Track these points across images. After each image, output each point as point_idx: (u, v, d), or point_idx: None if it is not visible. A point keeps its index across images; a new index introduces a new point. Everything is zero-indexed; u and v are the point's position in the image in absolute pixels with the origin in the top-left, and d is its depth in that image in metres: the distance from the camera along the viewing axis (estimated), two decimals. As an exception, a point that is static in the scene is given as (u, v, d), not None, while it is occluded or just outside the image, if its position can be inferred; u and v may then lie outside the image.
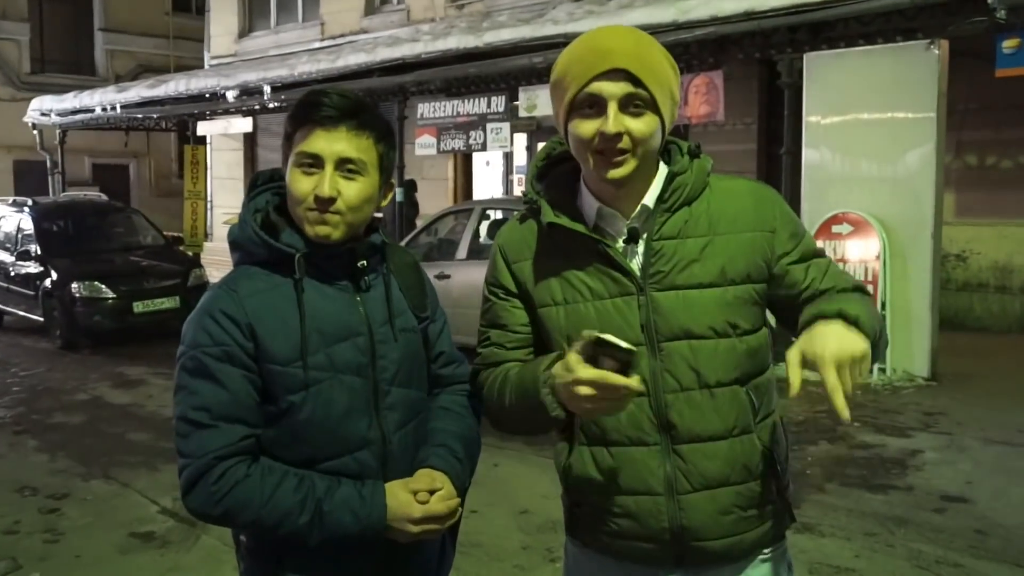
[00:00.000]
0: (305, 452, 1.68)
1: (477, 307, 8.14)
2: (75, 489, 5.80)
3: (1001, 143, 9.97)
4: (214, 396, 1.63)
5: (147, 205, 19.27)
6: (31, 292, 11.61)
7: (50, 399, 8.49)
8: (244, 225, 1.73)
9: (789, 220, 1.73)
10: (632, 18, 8.90)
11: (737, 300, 1.67)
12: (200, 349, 1.65)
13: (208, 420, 1.63)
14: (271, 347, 1.65)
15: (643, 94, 1.60)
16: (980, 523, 4.79)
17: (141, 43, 23.47)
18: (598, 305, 1.68)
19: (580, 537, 1.83)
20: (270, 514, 1.63)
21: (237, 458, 1.64)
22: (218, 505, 1.63)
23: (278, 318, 1.66)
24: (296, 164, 1.69)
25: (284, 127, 1.74)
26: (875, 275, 7.86)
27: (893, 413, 6.90)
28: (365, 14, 15.71)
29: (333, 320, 1.70)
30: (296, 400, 1.66)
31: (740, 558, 1.73)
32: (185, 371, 1.67)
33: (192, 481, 1.64)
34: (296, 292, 1.68)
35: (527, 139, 14.51)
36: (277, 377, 1.66)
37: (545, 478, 5.68)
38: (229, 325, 1.64)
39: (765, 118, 11.39)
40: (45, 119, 18.56)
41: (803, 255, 1.71)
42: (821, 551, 4.44)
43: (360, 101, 1.71)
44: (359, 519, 1.65)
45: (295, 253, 1.68)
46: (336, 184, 1.67)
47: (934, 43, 7.61)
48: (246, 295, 1.67)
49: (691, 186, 1.69)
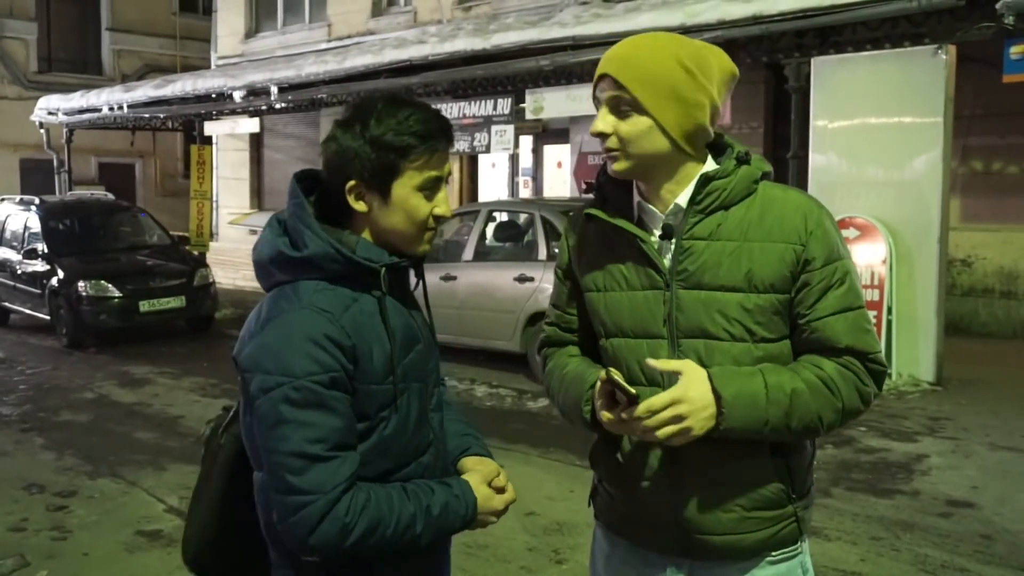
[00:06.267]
0: (385, 465, 1.68)
1: (483, 308, 8.23)
2: (82, 487, 5.81)
3: (1008, 149, 9.97)
4: (329, 425, 1.57)
5: (153, 204, 19.32)
6: (37, 291, 11.65)
7: (56, 397, 8.52)
8: (315, 239, 1.63)
9: (827, 239, 1.70)
10: (639, 22, 8.91)
11: (758, 308, 1.69)
12: (309, 378, 1.56)
13: (326, 452, 1.56)
14: (369, 367, 1.63)
15: (625, 96, 1.67)
16: (986, 528, 4.79)
17: (148, 43, 23.51)
18: (631, 295, 1.77)
19: (601, 517, 1.95)
20: (395, 530, 1.61)
21: (356, 485, 1.60)
22: (351, 535, 1.57)
23: (371, 336, 1.64)
24: (421, 187, 1.67)
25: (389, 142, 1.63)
26: (881, 280, 7.86)
27: (899, 418, 6.90)
28: (372, 15, 15.73)
29: (403, 331, 1.71)
30: (385, 415, 1.67)
31: (743, 558, 1.75)
32: (290, 403, 1.56)
33: (318, 518, 1.55)
34: (380, 306, 1.67)
35: (533, 141, 14.52)
36: (374, 396, 1.64)
37: (551, 480, 5.69)
38: (334, 350, 1.58)
39: (772, 122, 11.40)
40: (52, 118, 18.60)
41: (826, 279, 1.69)
42: (827, 555, 4.44)
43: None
44: (462, 517, 1.72)
45: (379, 267, 1.66)
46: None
47: (941, 48, 7.61)
48: (339, 315, 1.61)
49: (730, 191, 1.71)
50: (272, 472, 1.58)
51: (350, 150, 1.64)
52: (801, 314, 1.70)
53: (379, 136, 1.63)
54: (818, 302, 1.69)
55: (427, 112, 1.68)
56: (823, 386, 1.66)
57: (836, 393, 1.66)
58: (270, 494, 1.59)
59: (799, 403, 1.64)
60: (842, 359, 1.68)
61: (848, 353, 1.68)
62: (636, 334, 1.77)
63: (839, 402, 1.67)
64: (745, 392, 1.62)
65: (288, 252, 1.65)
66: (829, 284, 1.69)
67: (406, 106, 1.67)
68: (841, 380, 1.67)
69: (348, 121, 1.68)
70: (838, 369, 1.67)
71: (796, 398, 1.64)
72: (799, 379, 1.66)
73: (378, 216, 1.68)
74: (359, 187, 1.66)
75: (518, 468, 5.96)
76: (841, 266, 1.70)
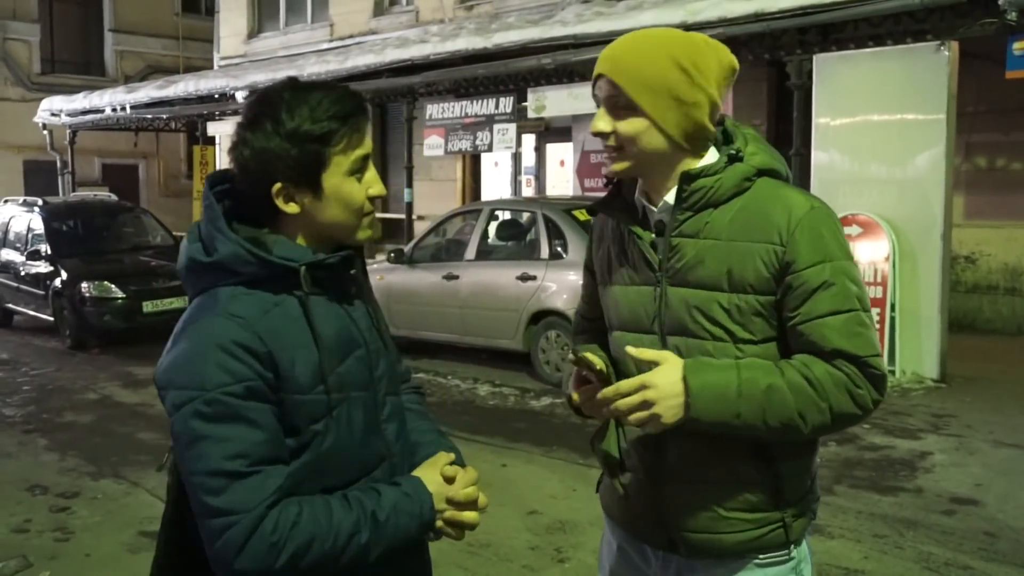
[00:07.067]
0: (327, 483, 1.53)
1: (486, 307, 8.24)
2: (85, 488, 5.82)
3: (1011, 145, 9.94)
4: (248, 439, 1.43)
5: (156, 205, 19.36)
6: (41, 292, 11.66)
7: (60, 398, 8.53)
8: (225, 242, 1.50)
9: (813, 243, 1.64)
10: (641, 20, 8.90)
11: (737, 309, 1.67)
12: (220, 390, 1.42)
13: (247, 467, 1.42)
14: (292, 375, 1.48)
15: (622, 98, 1.68)
16: (990, 525, 4.78)
17: (150, 44, 23.55)
18: (628, 290, 1.80)
19: (605, 509, 1.97)
20: (335, 544, 1.47)
21: (284, 500, 1.46)
22: (281, 555, 1.43)
23: (292, 341, 1.49)
24: (351, 171, 1.55)
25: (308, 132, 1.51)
26: (884, 277, 7.85)
27: (902, 415, 6.89)
28: (374, 15, 15.74)
29: (336, 335, 1.56)
30: (320, 429, 1.52)
31: (727, 557, 1.74)
32: (201, 418, 1.42)
33: (243, 539, 1.41)
34: (304, 309, 1.52)
35: (535, 140, 14.52)
36: (301, 407, 1.49)
37: (554, 479, 5.68)
38: (247, 357, 1.44)
39: (774, 120, 11.38)
40: (55, 119, 18.65)
41: (811, 281, 1.63)
42: (830, 553, 4.43)
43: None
44: (417, 518, 1.56)
45: (297, 266, 1.51)
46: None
47: (944, 45, 7.59)
48: (254, 321, 1.47)
49: (718, 189, 1.69)
50: (194, 495, 1.44)
51: (267, 151, 1.50)
52: (788, 317, 1.66)
53: (296, 128, 1.50)
54: (804, 304, 1.64)
55: (337, 90, 1.56)
56: (807, 385, 1.60)
57: (821, 393, 1.60)
58: (198, 519, 1.45)
59: (776, 400, 1.60)
60: (834, 362, 1.62)
61: (839, 356, 1.62)
62: (631, 328, 1.79)
63: (824, 403, 1.60)
64: (713, 383, 1.60)
65: (200, 258, 1.53)
66: (815, 286, 1.63)
67: (314, 89, 1.55)
68: (830, 381, 1.61)
69: (255, 120, 1.52)
70: (828, 371, 1.61)
71: (772, 394, 1.60)
72: (779, 376, 1.61)
73: (313, 213, 1.55)
74: (286, 189, 1.52)
75: (521, 467, 5.96)
76: (832, 267, 1.64)
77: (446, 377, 8.73)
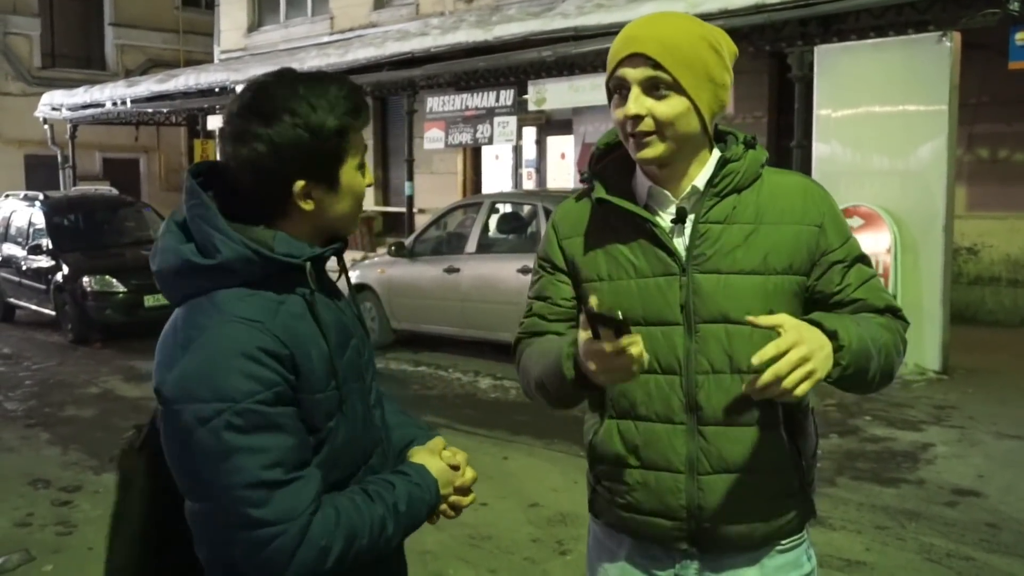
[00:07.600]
0: (336, 476, 1.51)
1: (486, 301, 8.22)
2: (87, 482, 5.82)
3: (1014, 136, 9.92)
4: (283, 446, 1.40)
5: (157, 199, 19.36)
6: (43, 286, 11.68)
7: (62, 392, 8.54)
8: (228, 243, 1.42)
9: (837, 219, 1.75)
10: (642, 11, 8.83)
11: (777, 290, 1.68)
12: (251, 400, 1.37)
13: (286, 476, 1.39)
14: (311, 375, 1.45)
15: (665, 77, 1.62)
16: (992, 517, 4.77)
17: (151, 38, 23.54)
18: (640, 283, 1.71)
19: (602, 516, 1.85)
20: (370, 539, 1.47)
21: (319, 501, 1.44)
22: (329, 557, 1.42)
23: (305, 340, 1.46)
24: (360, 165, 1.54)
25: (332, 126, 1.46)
26: (886, 268, 7.83)
27: (904, 407, 6.88)
28: (374, 8, 15.72)
29: (335, 327, 1.54)
30: (334, 425, 1.50)
31: (754, 548, 1.73)
32: (235, 430, 1.36)
33: (294, 547, 1.38)
34: (310, 307, 1.49)
35: (536, 133, 14.50)
36: (319, 405, 1.47)
37: (555, 471, 5.68)
38: (272, 363, 1.40)
39: (775, 111, 11.37)
40: (56, 114, 18.65)
41: (847, 257, 1.73)
42: (832, 544, 4.43)
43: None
44: (427, 504, 1.59)
45: (301, 262, 1.47)
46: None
47: (946, 35, 7.56)
48: (270, 323, 1.42)
49: (743, 174, 1.71)
50: (229, 508, 1.38)
51: (287, 147, 1.43)
52: (833, 292, 1.71)
53: (321, 123, 1.45)
54: (847, 276, 1.72)
55: (346, 82, 1.52)
56: (889, 333, 1.69)
57: (896, 341, 1.71)
58: (228, 532, 1.40)
59: (890, 345, 1.67)
60: (885, 316, 1.73)
61: (889, 311, 1.74)
62: (649, 321, 1.70)
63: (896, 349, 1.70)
64: (856, 332, 1.58)
65: (197, 260, 1.43)
66: (854, 258, 1.73)
67: (327, 82, 1.51)
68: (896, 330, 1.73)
69: (269, 112, 1.45)
70: (887, 321, 1.72)
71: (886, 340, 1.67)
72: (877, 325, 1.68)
73: (325, 208, 1.51)
74: (307, 186, 1.47)
75: (522, 460, 5.96)
76: (853, 240, 1.76)
77: (447, 370, 8.72)
